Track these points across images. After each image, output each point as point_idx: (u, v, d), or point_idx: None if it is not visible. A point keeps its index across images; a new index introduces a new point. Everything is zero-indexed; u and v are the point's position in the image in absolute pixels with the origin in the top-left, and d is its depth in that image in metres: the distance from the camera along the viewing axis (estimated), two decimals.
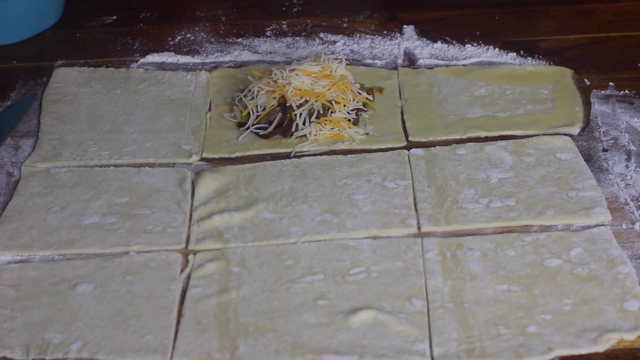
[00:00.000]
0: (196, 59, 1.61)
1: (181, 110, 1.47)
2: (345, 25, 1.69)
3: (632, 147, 1.35)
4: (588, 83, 1.50)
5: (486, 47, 1.60)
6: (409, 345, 1.05)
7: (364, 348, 1.05)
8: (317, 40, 1.65)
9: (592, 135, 1.38)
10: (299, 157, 1.36)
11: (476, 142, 1.36)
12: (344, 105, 1.40)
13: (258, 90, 1.42)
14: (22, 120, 1.46)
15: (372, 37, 1.65)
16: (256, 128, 1.40)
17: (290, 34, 1.67)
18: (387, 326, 1.07)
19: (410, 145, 1.38)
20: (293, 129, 1.38)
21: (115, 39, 1.68)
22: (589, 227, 1.21)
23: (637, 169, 1.31)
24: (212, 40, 1.66)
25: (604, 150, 1.35)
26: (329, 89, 1.40)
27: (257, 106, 1.41)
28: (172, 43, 1.66)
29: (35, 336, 1.08)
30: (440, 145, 1.36)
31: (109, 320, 1.10)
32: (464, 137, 1.39)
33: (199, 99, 1.49)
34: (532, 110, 1.43)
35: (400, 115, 1.44)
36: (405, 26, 1.67)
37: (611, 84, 1.49)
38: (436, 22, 1.69)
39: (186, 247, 1.21)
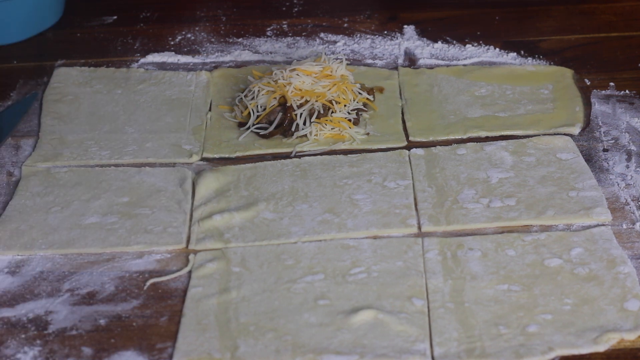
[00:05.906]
0: (197, 59, 1.61)
1: (182, 110, 1.47)
2: (345, 25, 1.69)
3: (633, 147, 1.35)
4: (588, 83, 1.50)
5: (486, 47, 1.60)
6: (410, 345, 1.05)
7: (364, 348, 1.05)
8: (317, 40, 1.65)
9: (592, 135, 1.38)
10: (300, 157, 1.35)
11: (476, 142, 1.36)
12: (345, 105, 1.40)
13: (258, 90, 1.41)
14: (22, 120, 1.46)
15: (372, 37, 1.65)
16: (257, 128, 1.40)
17: (290, 34, 1.67)
18: (387, 326, 1.07)
19: (410, 145, 1.37)
20: (293, 129, 1.38)
21: (116, 39, 1.68)
22: (589, 227, 1.21)
23: (638, 169, 1.31)
24: (213, 40, 1.66)
25: (605, 150, 1.35)
26: (330, 89, 1.40)
27: (257, 106, 1.41)
28: (172, 43, 1.66)
29: None
30: (440, 145, 1.36)
31: None
32: (464, 137, 1.39)
33: (199, 98, 1.49)
34: (532, 110, 1.43)
35: (400, 115, 1.44)
36: (405, 26, 1.67)
37: (611, 84, 1.49)
38: (436, 22, 1.69)
39: (186, 247, 1.21)
